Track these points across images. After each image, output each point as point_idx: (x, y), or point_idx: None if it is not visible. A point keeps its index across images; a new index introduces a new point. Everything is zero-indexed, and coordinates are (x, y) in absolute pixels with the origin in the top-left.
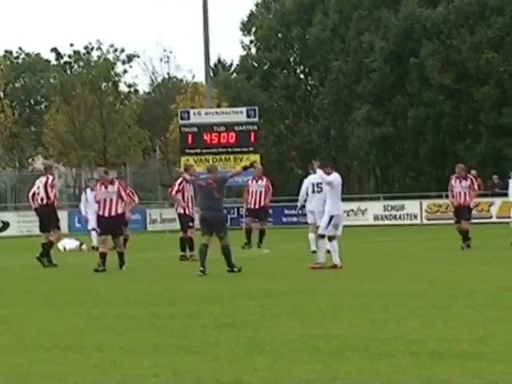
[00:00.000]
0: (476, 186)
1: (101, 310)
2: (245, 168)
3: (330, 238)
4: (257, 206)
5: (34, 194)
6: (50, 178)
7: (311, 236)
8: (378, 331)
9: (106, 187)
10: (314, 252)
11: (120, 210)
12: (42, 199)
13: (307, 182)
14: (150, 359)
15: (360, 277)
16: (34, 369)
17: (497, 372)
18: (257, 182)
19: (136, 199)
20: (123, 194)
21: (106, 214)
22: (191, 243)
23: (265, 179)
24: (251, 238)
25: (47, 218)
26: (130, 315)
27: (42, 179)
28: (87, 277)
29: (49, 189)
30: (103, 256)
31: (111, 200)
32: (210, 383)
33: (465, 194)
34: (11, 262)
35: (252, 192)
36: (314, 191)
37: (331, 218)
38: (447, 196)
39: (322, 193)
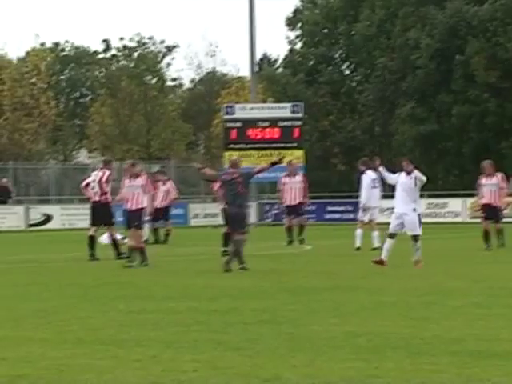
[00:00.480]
0: (504, 184)
1: (141, 304)
2: (273, 163)
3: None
4: (294, 203)
5: (87, 185)
6: (107, 172)
7: (359, 232)
8: (418, 329)
9: (133, 180)
10: (358, 249)
11: (144, 204)
12: (96, 194)
13: (368, 179)
14: (190, 354)
15: (402, 274)
16: (74, 362)
17: None
18: (292, 178)
19: (175, 193)
20: (149, 188)
21: (133, 207)
22: None
23: (300, 175)
24: (293, 235)
25: (100, 214)
26: (171, 310)
27: (99, 173)
28: (128, 271)
29: (104, 184)
30: (141, 250)
31: (137, 194)
32: (249, 379)
33: (494, 192)
34: (53, 255)
35: (288, 189)
36: (373, 187)
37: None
38: None
39: (378, 188)
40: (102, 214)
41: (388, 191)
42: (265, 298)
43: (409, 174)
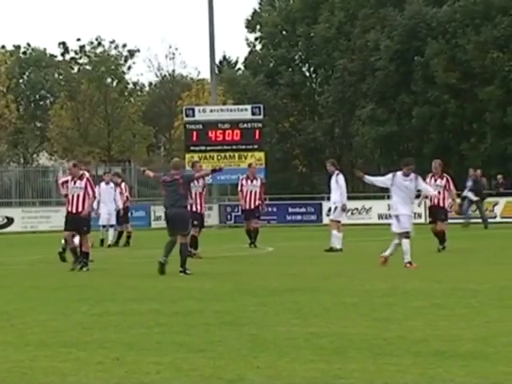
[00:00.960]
0: (452, 186)
1: (104, 306)
2: (213, 170)
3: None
4: (252, 206)
5: (65, 182)
6: (87, 174)
7: (336, 232)
8: (381, 330)
9: (75, 182)
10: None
11: (86, 207)
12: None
13: (343, 179)
14: (152, 356)
15: (364, 276)
16: (37, 365)
17: (500, 372)
18: (251, 182)
19: (127, 194)
20: (90, 190)
21: (74, 211)
22: (195, 241)
23: (259, 179)
24: (252, 236)
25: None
26: (134, 312)
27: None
28: (91, 273)
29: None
30: (75, 252)
31: (78, 196)
32: (213, 381)
33: (439, 193)
34: (15, 258)
35: (246, 192)
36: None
37: None
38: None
39: None
40: None
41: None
42: (227, 299)
43: (407, 176)
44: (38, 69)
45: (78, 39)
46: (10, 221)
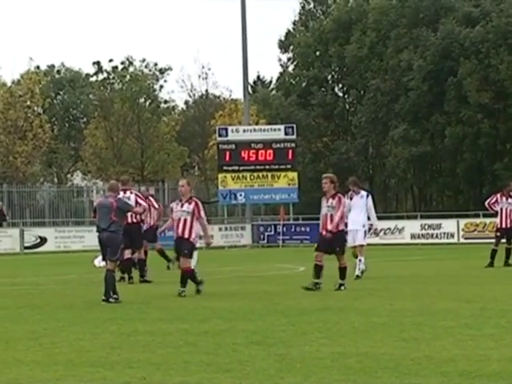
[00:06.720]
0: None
1: (133, 326)
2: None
3: None
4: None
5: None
6: (133, 195)
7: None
8: (409, 350)
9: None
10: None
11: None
12: (131, 216)
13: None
14: (179, 376)
15: (394, 295)
16: None
17: None
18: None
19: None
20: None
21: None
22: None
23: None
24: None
25: (135, 237)
26: (162, 331)
27: (130, 196)
28: (120, 293)
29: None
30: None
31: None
32: None
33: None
34: (47, 277)
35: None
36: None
37: None
38: (485, 215)
39: None
40: (136, 237)
41: None
42: (256, 319)
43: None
44: (72, 88)
45: (111, 60)
46: (43, 240)
